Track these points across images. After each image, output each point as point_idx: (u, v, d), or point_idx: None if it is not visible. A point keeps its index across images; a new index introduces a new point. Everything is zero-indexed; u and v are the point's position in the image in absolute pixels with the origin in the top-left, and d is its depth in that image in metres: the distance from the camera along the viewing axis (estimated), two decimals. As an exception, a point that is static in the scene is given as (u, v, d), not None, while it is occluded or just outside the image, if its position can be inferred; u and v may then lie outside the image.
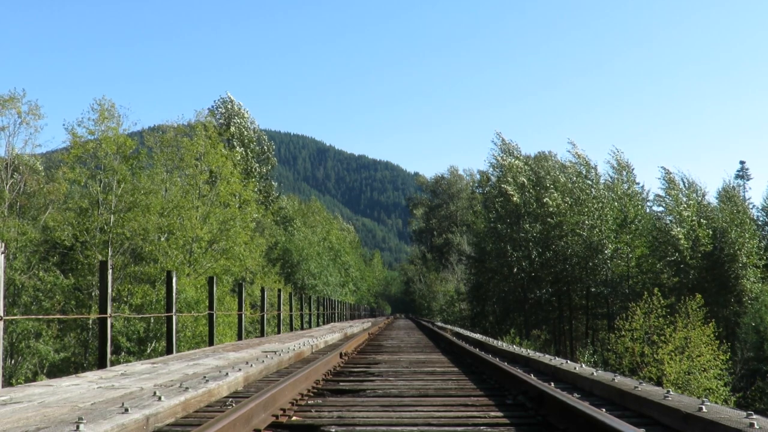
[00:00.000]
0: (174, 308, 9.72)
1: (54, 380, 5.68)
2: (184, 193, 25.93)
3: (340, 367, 8.24)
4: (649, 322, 26.67)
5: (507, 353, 9.21)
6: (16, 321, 20.51)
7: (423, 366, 8.43)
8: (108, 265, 7.86)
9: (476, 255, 53.86)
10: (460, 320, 54.82)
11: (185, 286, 22.21)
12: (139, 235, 23.25)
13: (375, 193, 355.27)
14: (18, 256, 22.69)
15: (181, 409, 4.39)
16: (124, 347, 21.21)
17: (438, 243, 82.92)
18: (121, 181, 24.03)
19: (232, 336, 22.66)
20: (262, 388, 5.47)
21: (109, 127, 24.14)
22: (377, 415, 4.50)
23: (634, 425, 3.42)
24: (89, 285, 22.91)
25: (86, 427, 3.28)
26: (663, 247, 39.89)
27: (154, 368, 6.72)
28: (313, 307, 26.74)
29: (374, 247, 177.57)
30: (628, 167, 44.60)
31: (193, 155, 26.84)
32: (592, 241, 41.66)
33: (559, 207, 43.48)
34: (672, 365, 23.82)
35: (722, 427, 3.25)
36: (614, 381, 5.08)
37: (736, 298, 38.03)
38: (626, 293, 39.21)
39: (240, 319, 14.69)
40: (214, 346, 11.56)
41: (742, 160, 66.97)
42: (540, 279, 46.07)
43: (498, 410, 4.70)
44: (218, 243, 26.46)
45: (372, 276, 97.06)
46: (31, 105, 24.53)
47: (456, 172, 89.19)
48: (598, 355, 32.44)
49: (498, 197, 47.78)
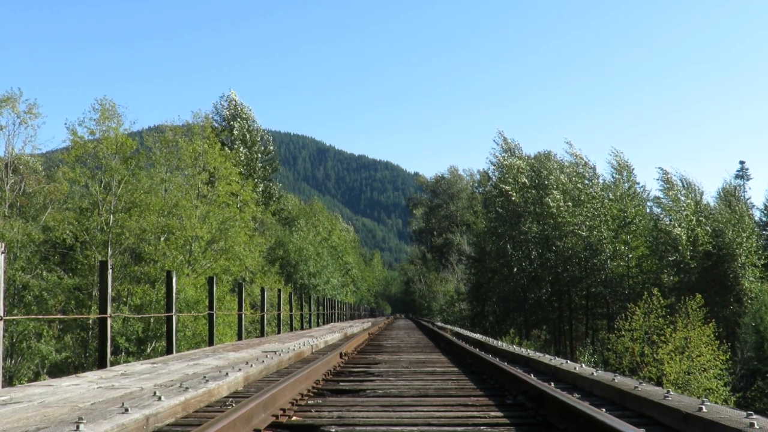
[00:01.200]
0: (174, 308, 9.72)
1: (54, 380, 5.68)
2: (183, 193, 25.92)
3: (340, 367, 8.24)
4: (649, 322, 26.67)
5: (507, 353, 9.20)
6: (17, 321, 20.50)
7: (423, 366, 8.43)
8: (108, 265, 7.86)
9: (476, 255, 53.88)
10: (460, 320, 54.82)
11: (185, 286, 22.21)
12: (139, 235, 23.24)
13: (375, 193, 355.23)
14: (19, 256, 22.69)
15: (181, 409, 4.39)
16: (123, 347, 21.20)
17: (438, 243, 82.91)
18: (121, 181, 24.02)
19: (232, 336, 22.66)
20: (262, 388, 5.47)
21: (110, 126, 24.15)
22: (377, 415, 4.50)
23: (634, 425, 3.42)
24: (89, 285, 22.91)
25: (86, 427, 3.28)
26: (663, 247, 39.90)
27: (154, 368, 6.72)
28: (313, 307, 26.73)
29: (374, 247, 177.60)
30: (628, 167, 44.60)
31: (191, 155, 26.83)
32: (591, 242, 41.67)
33: (559, 208, 43.49)
34: (672, 365, 23.82)
35: (722, 427, 3.25)
36: (614, 381, 5.08)
37: (736, 297, 38.02)
38: (626, 293, 39.21)
39: (240, 319, 14.69)
40: (214, 346, 11.55)
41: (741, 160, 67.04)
42: (540, 279, 46.08)
43: (498, 410, 4.70)
44: (218, 243, 26.46)
45: (372, 276, 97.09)
46: (29, 104, 24.52)
47: (456, 172, 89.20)
48: (598, 355, 32.43)
49: (498, 197, 47.78)
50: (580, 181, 44.95)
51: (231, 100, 50.43)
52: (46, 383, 5.45)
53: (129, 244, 23.39)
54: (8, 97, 23.94)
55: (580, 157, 46.30)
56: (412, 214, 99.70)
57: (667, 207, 41.89)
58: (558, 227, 43.81)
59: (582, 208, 42.91)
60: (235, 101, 50.39)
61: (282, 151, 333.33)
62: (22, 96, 24.35)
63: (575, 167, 46.18)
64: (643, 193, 45.03)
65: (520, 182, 46.24)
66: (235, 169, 30.41)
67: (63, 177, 25.06)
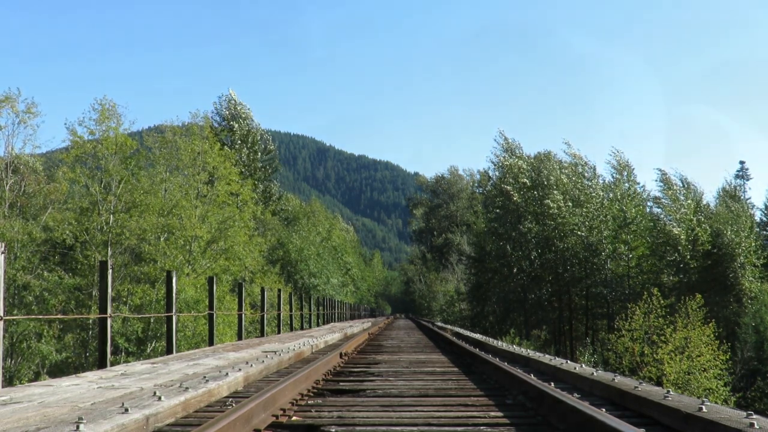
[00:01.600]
0: (174, 308, 9.72)
1: (54, 380, 5.68)
2: (183, 193, 25.93)
3: (340, 367, 8.24)
4: (648, 322, 26.66)
5: (507, 353, 9.20)
6: (17, 321, 20.50)
7: (423, 366, 8.43)
8: (108, 265, 7.86)
9: (476, 255, 53.85)
10: (460, 320, 54.82)
11: (185, 285, 22.21)
12: (139, 235, 23.25)
13: (375, 193, 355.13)
14: (20, 255, 22.69)
15: (181, 409, 4.39)
16: (123, 347, 21.20)
17: (438, 243, 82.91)
18: (121, 181, 24.03)
19: (232, 336, 22.65)
20: (262, 388, 5.47)
21: (110, 126, 24.15)
22: (377, 415, 4.50)
23: (634, 425, 3.42)
24: (89, 285, 22.91)
25: (86, 427, 3.28)
26: (662, 247, 39.90)
27: (154, 368, 6.72)
28: (313, 307, 26.74)
29: (374, 247, 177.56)
30: (629, 167, 44.61)
31: (190, 155, 26.84)
32: (591, 242, 41.67)
33: (560, 208, 43.49)
34: (672, 365, 23.81)
35: (722, 427, 3.25)
36: (614, 381, 5.08)
37: (736, 297, 38.02)
38: (626, 293, 39.21)
39: (240, 319, 14.69)
40: (214, 346, 11.55)
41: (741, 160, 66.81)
42: (540, 279, 46.06)
43: (498, 410, 4.70)
44: (217, 243, 26.46)
45: (372, 276, 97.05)
46: (28, 104, 24.50)
47: (456, 172, 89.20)
48: (598, 355, 32.43)
49: (498, 197, 47.76)
50: (579, 181, 44.96)
51: (230, 100, 50.44)
52: (46, 383, 5.45)
53: (129, 244, 23.39)
54: (7, 96, 23.92)
55: (579, 158, 46.32)
56: (412, 214, 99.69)
57: (667, 207, 41.89)
58: (558, 227, 43.81)
59: (582, 208, 42.91)
60: (234, 101, 50.39)
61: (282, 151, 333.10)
62: (20, 96, 24.37)
63: (575, 167, 46.18)
64: (643, 193, 45.07)
65: (521, 182, 46.22)
66: (235, 169, 30.42)
67: (63, 177, 25.07)
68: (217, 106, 50.46)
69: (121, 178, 24.04)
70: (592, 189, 43.92)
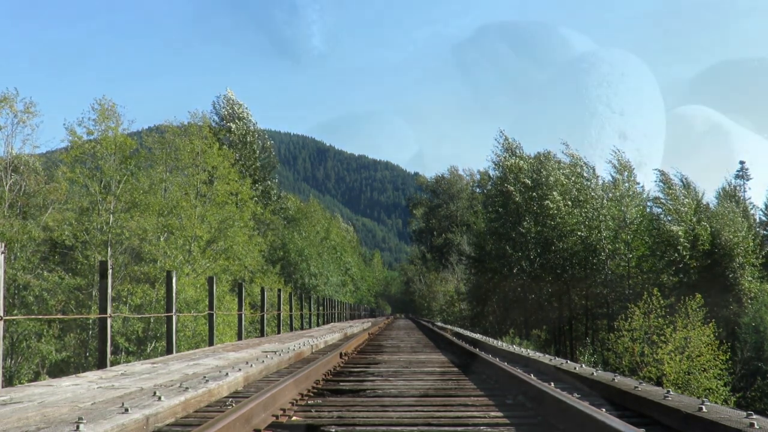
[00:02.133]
0: (174, 308, 9.72)
1: (54, 380, 5.68)
2: (183, 193, 25.93)
3: (340, 367, 8.24)
4: (648, 322, 26.65)
5: (507, 353, 9.20)
6: (17, 321, 20.50)
7: (423, 366, 8.43)
8: (108, 265, 7.86)
9: (476, 255, 53.81)
10: (460, 320, 54.80)
11: (185, 285, 22.20)
12: (139, 235, 23.24)
13: (375, 193, 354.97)
14: (19, 255, 22.68)
15: (181, 409, 4.39)
16: (123, 347, 21.20)
17: (438, 243, 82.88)
18: (121, 181, 24.02)
19: (232, 336, 22.65)
20: (262, 388, 5.47)
21: (109, 126, 24.13)
22: (377, 415, 4.50)
23: (634, 425, 3.42)
24: (89, 285, 22.91)
25: (86, 427, 3.28)
26: (662, 247, 39.90)
27: (154, 368, 6.72)
28: (313, 307, 26.73)
29: (374, 247, 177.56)
30: (629, 167, 44.59)
31: (189, 155, 26.84)
32: (591, 242, 41.66)
33: (559, 208, 43.48)
34: (672, 365, 23.81)
35: (722, 427, 3.24)
36: (614, 381, 5.08)
37: (736, 297, 38.03)
38: (626, 293, 39.21)
39: (240, 319, 14.69)
40: (214, 346, 11.55)
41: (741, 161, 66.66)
42: (540, 279, 46.04)
43: (498, 410, 4.70)
44: (217, 242, 26.46)
45: (372, 276, 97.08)
46: (27, 103, 24.49)
47: (456, 172, 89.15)
48: (598, 355, 32.42)
49: (498, 197, 47.74)
50: (579, 181, 44.94)
51: (228, 100, 50.44)
52: (46, 383, 5.45)
53: (129, 244, 23.39)
54: (5, 96, 23.91)
55: (578, 158, 46.28)
56: (412, 214, 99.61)
57: (667, 207, 41.89)
58: (558, 227, 43.81)
59: (582, 208, 42.90)
60: (232, 101, 50.38)
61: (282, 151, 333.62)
62: (18, 96, 24.36)
63: (574, 167, 46.17)
64: (643, 193, 45.06)
65: (522, 182, 46.21)
66: (234, 168, 30.42)
67: (62, 177, 25.06)
68: (215, 106, 50.49)
69: (120, 178, 24.03)
70: (591, 189, 43.91)
